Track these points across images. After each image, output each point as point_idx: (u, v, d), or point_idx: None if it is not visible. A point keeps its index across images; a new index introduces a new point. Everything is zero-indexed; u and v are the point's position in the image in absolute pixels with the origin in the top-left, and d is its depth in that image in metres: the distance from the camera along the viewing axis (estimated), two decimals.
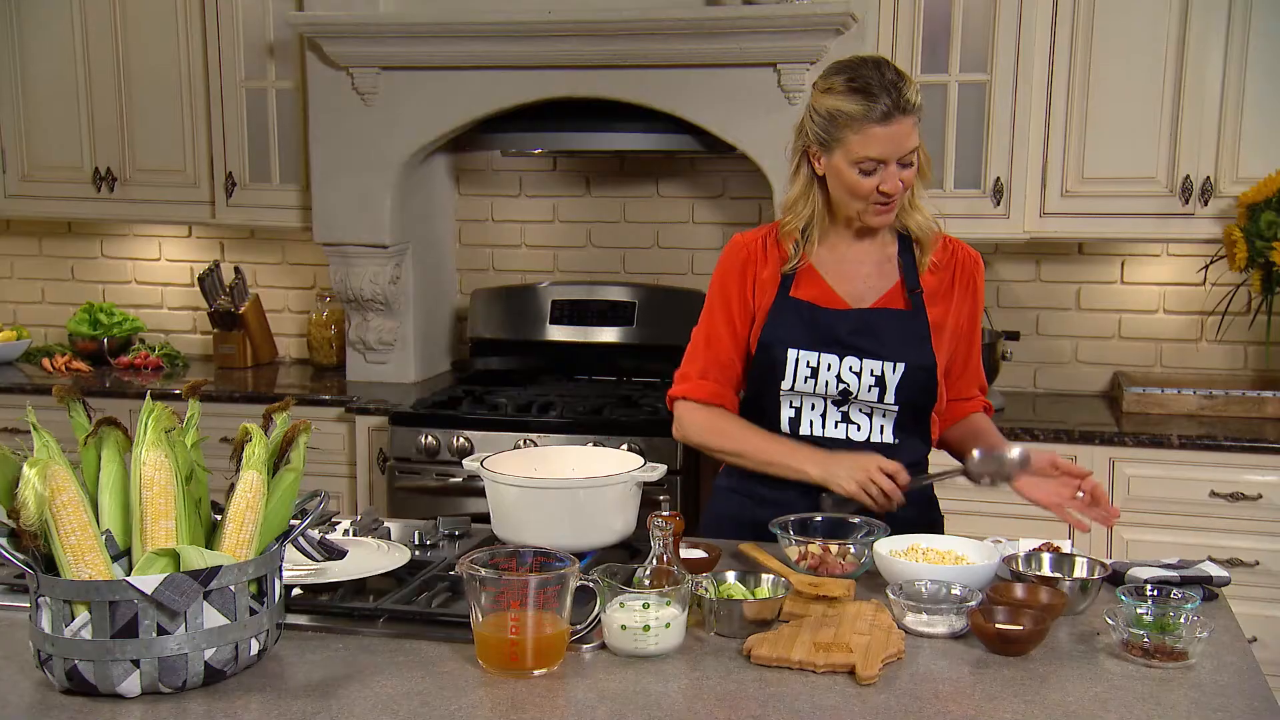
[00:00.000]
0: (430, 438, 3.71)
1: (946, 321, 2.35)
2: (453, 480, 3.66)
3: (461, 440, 3.68)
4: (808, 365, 2.30)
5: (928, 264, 2.35)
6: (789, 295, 2.34)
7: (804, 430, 2.34)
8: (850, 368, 2.29)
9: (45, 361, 4.51)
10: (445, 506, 3.60)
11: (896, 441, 2.34)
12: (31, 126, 4.45)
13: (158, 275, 4.82)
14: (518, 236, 4.47)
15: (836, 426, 2.33)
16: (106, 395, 4.14)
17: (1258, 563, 3.41)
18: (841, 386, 2.30)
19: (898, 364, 2.29)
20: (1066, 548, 2.12)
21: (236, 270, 4.53)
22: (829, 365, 2.30)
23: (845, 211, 2.31)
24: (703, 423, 2.40)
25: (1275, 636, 3.43)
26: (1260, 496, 3.40)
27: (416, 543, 2.24)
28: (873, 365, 2.29)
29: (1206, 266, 3.82)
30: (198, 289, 4.54)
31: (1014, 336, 3.92)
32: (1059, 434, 3.52)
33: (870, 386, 2.30)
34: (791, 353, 2.31)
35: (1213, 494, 3.42)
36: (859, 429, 2.32)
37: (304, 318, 4.65)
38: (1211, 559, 3.34)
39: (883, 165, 2.21)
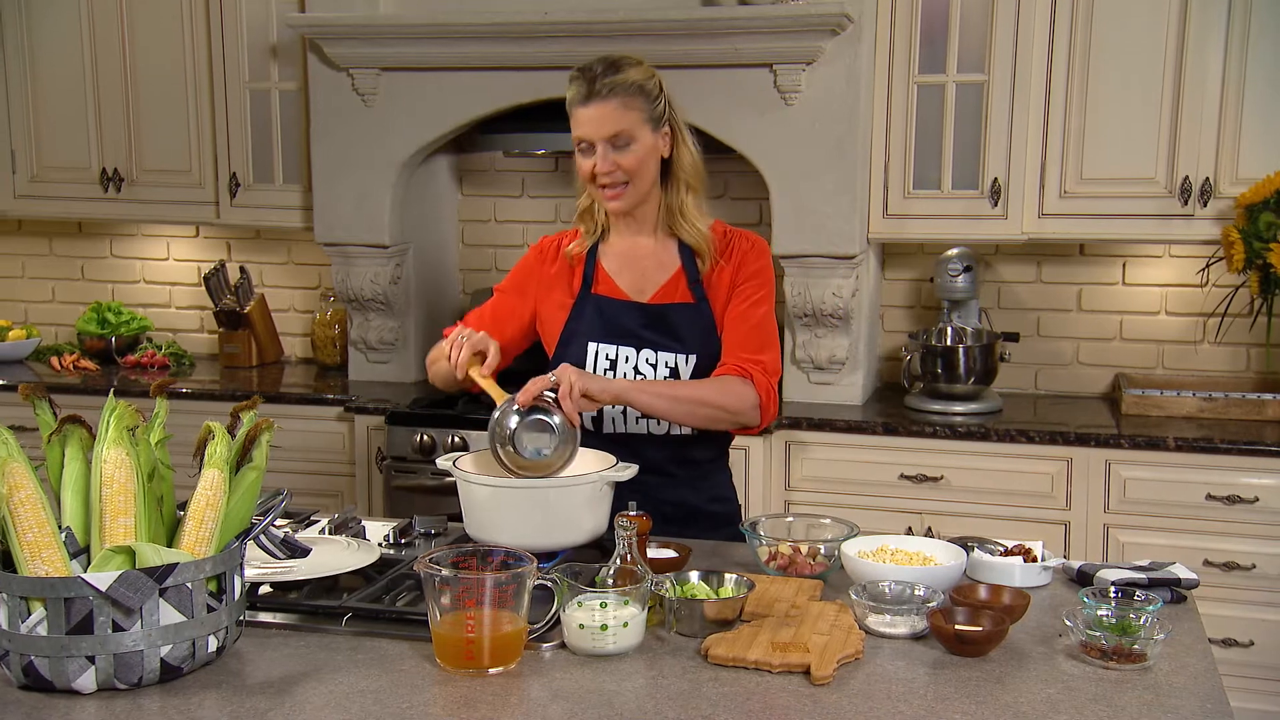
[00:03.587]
0: (426, 436, 3.73)
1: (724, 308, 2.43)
2: (448, 479, 3.66)
3: (457, 439, 3.69)
4: (607, 358, 2.41)
5: (708, 267, 2.42)
6: (590, 292, 2.44)
7: (608, 428, 2.41)
8: (646, 360, 2.39)
9: (53, 360, 4.56)
10: (441, 505, 3.61)
11: (695, 433, 2.41)
12: (40, 128, 4.50)
13: (165, 275, 4.86)
14: (520, 237, 4.48)
15: (638, 421, 2.40)
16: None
17: (1254, 566, 3.38)
18: (639, 378, 2.37)
19: (690, 355, 2.39)
20: (1038, 549, 2.11)
21: (242, 270, 4.57)
22: (626, 357, 2.40)
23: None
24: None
25: (1271, 639, 3.40)
26: (1257, 499, 3.36)
27: (390, 541, 2.25)
28: (667, 357, 2.39)
29: (1206, 268, 3.79)
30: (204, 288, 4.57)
31: (1013, 338, 3.90)
32: (1055, 435, 3.50)
33: (665, 378, 2.38)
34: (591, 346, 2.42)
35: (1209, 497, 3.40)
36: (659, 422, 2.38)
37: (308, 317, 4.67)
38: (1207, 561, 3.37)
39: (592, 147, 2.30)
